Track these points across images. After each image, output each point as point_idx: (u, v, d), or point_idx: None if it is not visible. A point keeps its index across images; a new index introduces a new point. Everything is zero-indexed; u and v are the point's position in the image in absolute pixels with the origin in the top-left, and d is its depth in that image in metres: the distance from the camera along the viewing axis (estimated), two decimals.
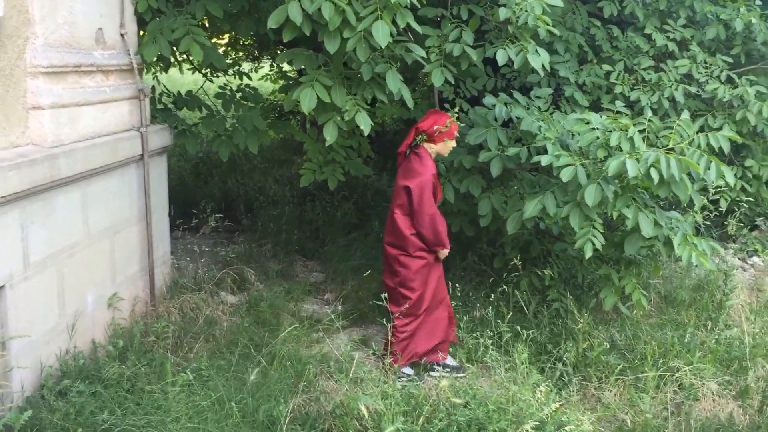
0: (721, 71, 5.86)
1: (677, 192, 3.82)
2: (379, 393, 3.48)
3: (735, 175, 6.30)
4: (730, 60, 6.00)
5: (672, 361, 4.30)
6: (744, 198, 6.19)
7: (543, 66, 4.49)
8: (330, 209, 7.29)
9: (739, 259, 6.66)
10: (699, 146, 4.03)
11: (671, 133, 4.07)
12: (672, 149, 3.91)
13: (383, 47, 3.95)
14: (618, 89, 5.71)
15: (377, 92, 4.71)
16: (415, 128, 4.54)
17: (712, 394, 3.78)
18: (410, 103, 4.68)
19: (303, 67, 4.66)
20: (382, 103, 5.63)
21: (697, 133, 4.13)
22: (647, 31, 5.97)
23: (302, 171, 5.81)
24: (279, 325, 4.80)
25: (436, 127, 4.40)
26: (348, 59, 4.55)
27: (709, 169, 3.88)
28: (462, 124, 4.93)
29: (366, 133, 4.57)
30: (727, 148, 4.10)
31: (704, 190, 5.57)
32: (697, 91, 5.87)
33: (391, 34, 3.97)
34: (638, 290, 4.60)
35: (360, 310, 5.38)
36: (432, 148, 4.52)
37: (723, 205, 6.01)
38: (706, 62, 5.93)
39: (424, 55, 4.52)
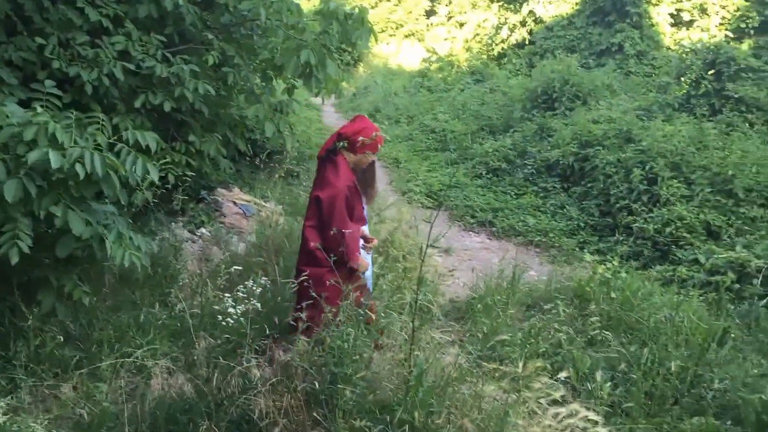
0: (157, 50, 6.26)
1: (105, 188, 3.99)
2: None
3: (179, 151, 6.87)
4: (164, 39, 6.44)
5: (128, 345, 4.57)
6: (190, 173, 6.79)
7: None
8: None
9: (189, 231, 7.30)
10: (128, 142, 4.26)
11: (96, 130, 4.25)
12: (99, 146, 4.06)
13: None
14: (56, 64, 5.64)
15: None
16: (338, 133, 4.43)
17: (165, 371, 4.17)
18: None
19: None
20: None
21: (127, 127, 4.38)
22: (80, 4, 6.00)
23: None
24: None
25: (360, 138, 4.30)
26: None
27: (135, 165, 4.13)
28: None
29: None
30: (154, 147, 4.40)
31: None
32: (137, 69, 6.17)
33: None
34: (79, 289, 4.60)
35: None
36: (350, 158, 4.42)
37: (171, 180, 6.50)
38: (141, 40, 6.26)
39: None
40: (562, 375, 4.41)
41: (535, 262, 9.07)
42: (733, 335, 5.84)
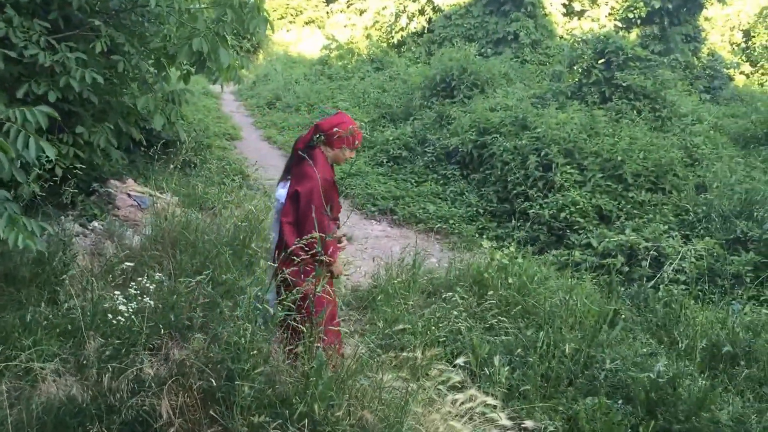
0: (40, 36, 5.96)
1: None
2: None
3: (67, 142, 6.58)
4: (48, 25, 6.14)
5: (13, 346, 4.33)
6: (79, 165, 6.50)
7: None
8: None
9: (80, 225, 6.98)
10: (17, 121, 4.05)
11: None
12: None
13: None
14: None
15: None
16: (315, 126, 4.36)
17: (54, 374, 3.98)
18: None
19: None
20: None
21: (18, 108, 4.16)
22: None
23: None
24: None
25: (335, 129, 4.22)
26: None
27: (27, 146, 3.95)
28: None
29: None
30: (45, 124, 4.23)
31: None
32: (18, 57, 5.86)
33: None
34: None
35: None
36: (328, 152, 4.31)
37: (59, 172, 6.21)
38: (23, 26, 5.94)
39: None
40: (461, 360, 4.48)
41: (436, 249, 9.19)
42: (623, 316, 6.09)
